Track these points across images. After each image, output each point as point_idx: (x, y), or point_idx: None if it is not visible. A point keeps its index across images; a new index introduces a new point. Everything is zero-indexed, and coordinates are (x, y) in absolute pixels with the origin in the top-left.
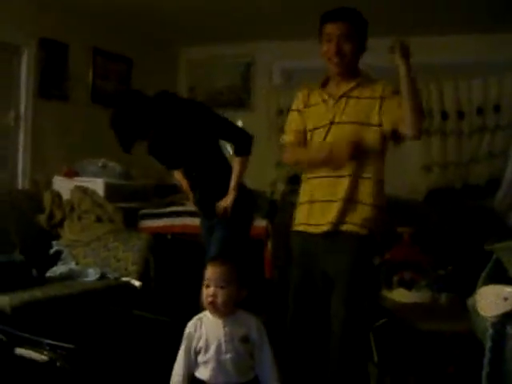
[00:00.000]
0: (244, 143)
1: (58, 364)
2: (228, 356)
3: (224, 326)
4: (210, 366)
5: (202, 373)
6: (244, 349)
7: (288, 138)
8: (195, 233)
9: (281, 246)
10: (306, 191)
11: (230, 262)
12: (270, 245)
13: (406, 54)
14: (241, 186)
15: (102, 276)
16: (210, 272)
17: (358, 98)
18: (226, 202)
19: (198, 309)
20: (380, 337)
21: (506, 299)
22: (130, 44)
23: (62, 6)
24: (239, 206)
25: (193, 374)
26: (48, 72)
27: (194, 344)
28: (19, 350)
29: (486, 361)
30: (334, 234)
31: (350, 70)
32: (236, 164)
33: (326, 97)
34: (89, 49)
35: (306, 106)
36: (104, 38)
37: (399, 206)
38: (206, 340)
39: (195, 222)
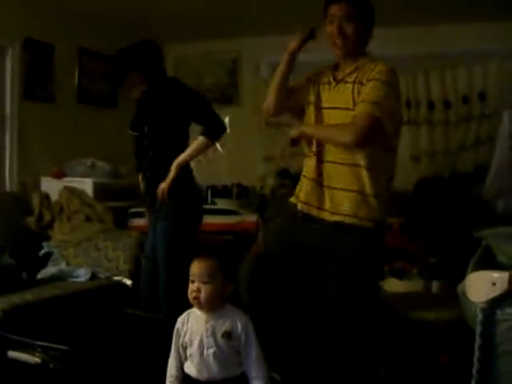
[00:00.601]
0: (215, 128)
1: (50, 366)
2: (210, 351)
3: (207, 322)
4: (195, 360)
5: (189, 368)
6: (227, 344)
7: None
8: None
9: None
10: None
11: (214, 256)
12: (260, 239)
13: None
14: (191, 184)
15: (93, 276)
16: (194, 267)
17: (351, 82)
18: (166, 180)
19: (189, 305)
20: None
21: (494, 284)
22: (115, 43)
23: (47, 7)
24: (184, 203)
25: (182, 371)
26: (33, 73)
27: (181, 339)
28: (12, 353)
29: (476, 346)
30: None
31: (355, 53)
32: (194, 143)
33: (331, 79)
34: (74, 49)
35: (316, 82)
36: (89, 37)
37: (389, 196)
38: (190, 335)
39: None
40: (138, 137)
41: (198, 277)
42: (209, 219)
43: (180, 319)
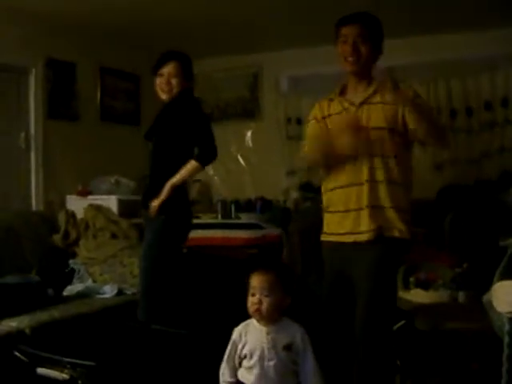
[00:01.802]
0: (207, 153)
1: (79, 382)
2: (271, 363)
3: (268, 334)
4: (255, 371)
5: (246, 377)
6: (287, 356)
7: (307, 146)
8: (211, 245)
9: (296, 253)
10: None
11: (273, 270)
12: (285, 253)
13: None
14: (181, 201)
15: (120, 292)
16: (255, 281)
17: (382, 103)
18: (158, 199)
19: (214, 320)
20: (400, 339)
21: None
22: (136, 61)
23: (68, 26)
24: (171, 219)
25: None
26: (56, 92)
27: (238, 351)
28: (40, 370)
29: (504, 357)
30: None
31: (365, 71)
32: (187, 165)
33: (347, 105)
34: (96, 67)
35: (326, 116)
36: (111, 56)
37: (411, 207)
38: (250, 347)
39: (211, 234)
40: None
41: (259, 290)
42: (233, 233)
43: (237, 330)
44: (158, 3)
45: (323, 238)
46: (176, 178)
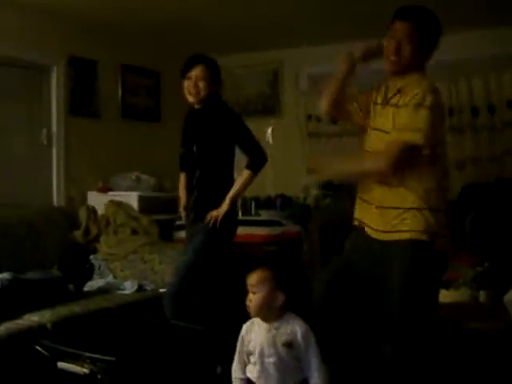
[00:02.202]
0: (258, 160)
1: (98, 376)
2: (271, 360)
3: (268, 331)
4: (257, 367)
5: (251, 372)
6: (288, 353)
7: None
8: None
9: (316, 250)
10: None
11: (265, 268)
12: (305, 249)
13: None
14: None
15: (140, 288)
16: (247, 279)
17: (395, 105)
18: (219, 211)
19: (232, 317)
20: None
21: None
22: (157, 58)
23: (90, 24)
24: (224, 219)
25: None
26: (78, 89)
27: (245, 347)
28: (61, 364)
29: None
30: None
31: (406, 70)
32: (242, 176)
33: (384, 100)
34: (117, 65)
35: (372, 99)
36: (132, 53)
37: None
38: (253, 343)
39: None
40: (185, 153)
41: (249, 287)
42: (253, 230)
43: (245, 327)
44: (179, 3)
45: None
46: (233, 191)
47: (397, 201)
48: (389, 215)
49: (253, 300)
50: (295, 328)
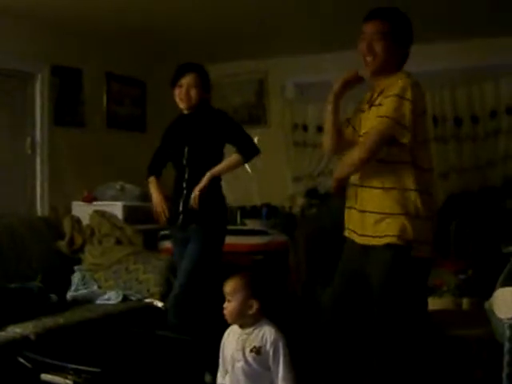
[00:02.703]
0: (249, 148)
1: None
2: (239, 365)
3: (240, 336)
4: (229, 373)
5: (227, 379)
6: (255, 359)
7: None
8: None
9: (302, 259)
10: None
11: (240, 275)
12: (291, 259)
13: None
14: (220, 198)
15: (125, 298)
16: (224, 287)
17: (378, 105)
18: (198, 186)
19: (218, 327)
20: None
21: None
22: (143, 67)
23: (74, 32)
24: (214, 220)
25: None
26: (62, 98)
27: (223, 354)
28: (45, 376)
29: (505, 362)
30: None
31: (385, 70)
32: (230, 158)
33: (367, 105)
34: (102, 73)
35: (358, 110)
36: (117, 62)
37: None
38: (227, 349)
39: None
40: (171, 154)
41: (225, 295)
42: (238, 240)
43: (225, 334)
44: (164, 10)
45: None
46: (217, 168)
47: (376, 205)
48: (369, 219)
49: (228, 307)
50: (265, 335)
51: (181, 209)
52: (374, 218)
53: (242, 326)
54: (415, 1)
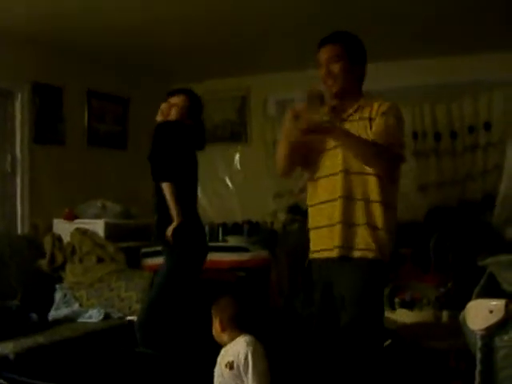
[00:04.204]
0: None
1: None
2: (219, 380)
3: (223, 352)
4: None
5: None
6: (230, 374)
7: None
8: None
9: (284, 275)
10: (311, 217)
11: (227, 296)
12: (273, 275)
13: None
14: (193, 217)
15: (107, 316)
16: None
17: (357, 120)
18: (170, 227)
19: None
20: (386, 358)
21: (491, 312)
22: (124, 84)
23: (55, 50)
24: (185, 237)
25: None
26: (43, 116)
27: None
28: None
29: (477, 372)
30: (343, 258)
31: (348, 90)
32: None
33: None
34: (83, 91)
35: None
36: (98, 79)
37: (398, 228)
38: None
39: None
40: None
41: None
42: (220, 256)
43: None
44: (147, 28)
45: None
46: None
47: (347, 217)
48: (340, 231)
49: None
50: (237, 349)
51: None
52: (345, 229)
53: (226, 344)
54: (396, 19)
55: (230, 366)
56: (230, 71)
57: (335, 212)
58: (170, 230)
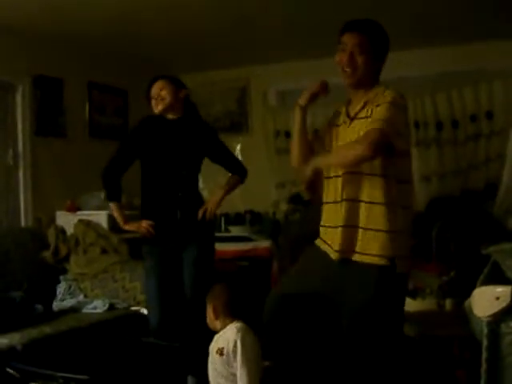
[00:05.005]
0: (244, 171)
1: None
2: (211, 366)
3: (216, 338)
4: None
5: None
6: (220, 361)
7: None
8: None
9: (286, 265)
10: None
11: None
12: (275, 264)
13: None
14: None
15: (111, 307)
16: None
17: (364, 118)
18: (214, 203)
19: (205, 334)
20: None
21: (497, 298)
22: (125, 76)
23: (55, 42)
24: (210, 229)
25: None
26: (44, 109)
27: None
28: None
29: (483, 359)
30: (346, 262)
31: (364, 83)
32: (232, 180)
33: (346, 118)
34: (84, 83)
35: (333, 124)
36: (98, 71)
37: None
38: None
39: None
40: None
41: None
42: (223, 246)
43: None
44: (146, 19)
45: None
46: (225, 191)
47: (352, 219)
48: (347, 234)
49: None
50: (228, 336)
51: (179, 222)
52: (356, 233)
53: (218, 331)
54: (395, 7)
55: (221, 352)
56: (230, 62)
57: (338, 215)
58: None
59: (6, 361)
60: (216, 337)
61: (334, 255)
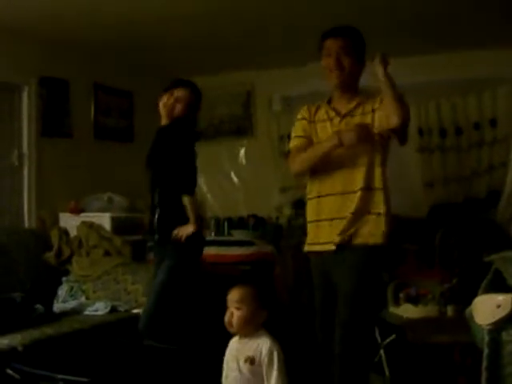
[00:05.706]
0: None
1: None
2: (233, 374)
3: (237, 346)
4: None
5: None
6: (249, 370)
7: (293, 143)
8: (204, 262)
9: (289, 269)
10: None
11: (248, 285)
12: (278, 269)
13: (384, 61)
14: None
15: (113, 309)
16: (229, 294)
17: (362, 114)
18: (187, 230)
19: (207, 337)
20: (390, 353)
21: (498, 306)
22: (130, 78)
23: (61, 43)
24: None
25: None
26: (49, 109)
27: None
28: None
29: (483, 367)
30: (343, 247)
31: (350, 83)
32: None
33: (333, 114)
34: (89, 84)
35: (312, 121)
36: (104, 73)
37: (403, 224)
38: (226, 358)
39: (204, 251)
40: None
41: (230, 302)
42: (225, 250)
43: (230, 343)
44: (152, 21)
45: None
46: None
47: (350, 207)
48: (340, 223)
49: (235, 316)
50: (260, 346)
51: (157, 224)
52: (347, 219)
53: (240, 336)
54: (400, 15)
55: (251, 361)
56: (236, 67)
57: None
58: (183, 234)
59: (7, 362)
60: (238, 343)
61: (330, 246)
